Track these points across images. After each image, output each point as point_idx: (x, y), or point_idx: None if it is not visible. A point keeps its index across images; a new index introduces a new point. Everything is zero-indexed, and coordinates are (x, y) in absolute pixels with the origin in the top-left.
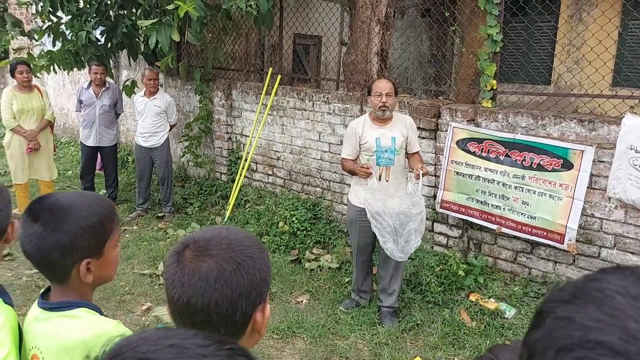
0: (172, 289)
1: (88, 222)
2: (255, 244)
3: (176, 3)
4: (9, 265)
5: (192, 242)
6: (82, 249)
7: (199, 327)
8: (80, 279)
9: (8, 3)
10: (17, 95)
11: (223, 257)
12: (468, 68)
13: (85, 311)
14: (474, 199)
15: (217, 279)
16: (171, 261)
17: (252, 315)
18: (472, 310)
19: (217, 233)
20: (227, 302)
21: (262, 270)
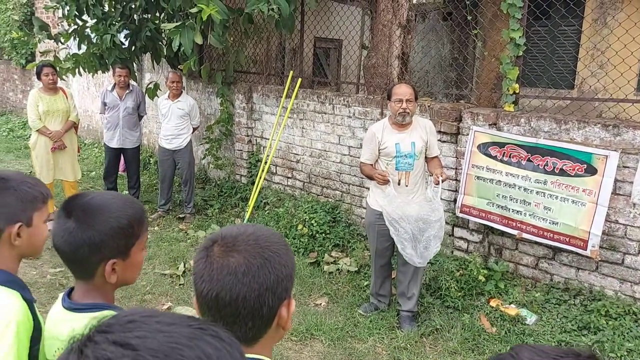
0: (200, 283)
1: (119, 223)
2: (280, 240)
3: (199, 6)
4: (33, 263)
5: (220, 238)
6: (110, 248)
7: (227, 321)
8: (104, 278)
9: (35, 7)
10: (43, 97)
11: (250, 253)
12: (490, 72)
13: (110, 314)
14: (494, 203)
15: (245, 273)
16: (200, 257)
17: (278, 310)
18: (492, 316)
19: (244, 230)
20: (255, 296)
21: (287, 266)
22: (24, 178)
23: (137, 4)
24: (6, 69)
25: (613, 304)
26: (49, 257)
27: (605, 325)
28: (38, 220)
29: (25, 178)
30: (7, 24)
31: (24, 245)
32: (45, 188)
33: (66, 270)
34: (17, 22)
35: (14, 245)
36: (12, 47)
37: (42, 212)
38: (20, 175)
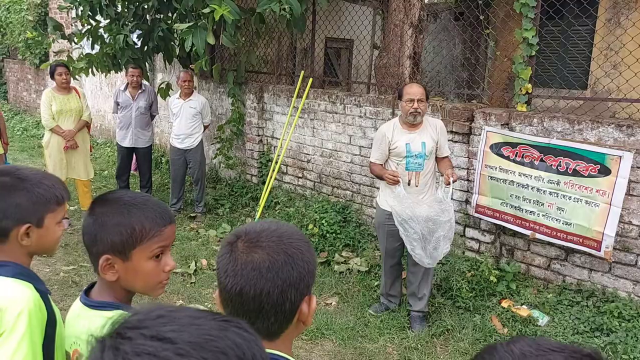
0: (224, 278)
1: (117, 219)
2: (302, 237)
3: (212, 7)
4: (47, 261)
5: (244, 233)
6: (103, 243)
7: (250, 316)
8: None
9: (49, 7)
10: (56, 97)
11: (274, 249)
12: (502, 72)
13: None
14: (507, 204)
15: (269, 269)
16: (224, 252)
17: (299, 305)
18: (503, 316)
19: (267, 226)
20: (278, 291)
21: (309, 262)
22: (42, 179)
23: (150, 5)
24: (20, 68)
25: (626, 305)
26: (62, 254)
27: (618, 327)
28: (50, 222)
29: (43, 179)
30: (21, 24)
31: (34, 244)
32: (62, 190)
33: (79, 268)
34: (32, 22)
35: (23, 244)
36: (27, 47)
37: (56, 214)
38: (39, 176)
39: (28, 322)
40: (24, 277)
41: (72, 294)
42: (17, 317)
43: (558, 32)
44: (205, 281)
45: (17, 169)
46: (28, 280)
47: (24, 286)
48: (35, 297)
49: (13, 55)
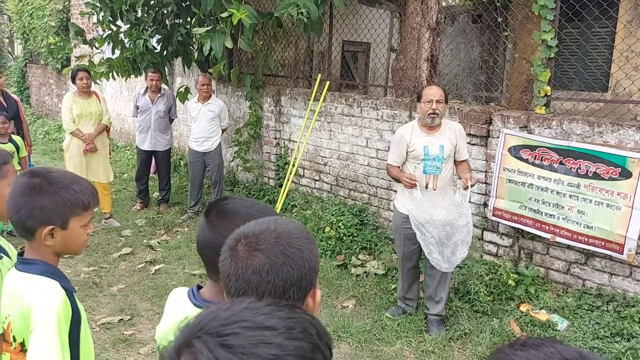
0: (228, 282)
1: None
2: (302, 234)
3: (230, 11)
4: (68, 262)
5: (243, 236)
6: None
7: None
8: None
9: (71, 13)
10: (77, 101)
11: (272, 251)
12: (520, 74)
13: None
14: (526, 207)
15: (268, 272)
16: (225, 256)
17: (304, 301)
18: (522, 321)
19: (266, 227)
20: (280, 292)
21: (310, 260)
22: (70, 184)
23: (169, 10)
24: (43, 73)
25: None
26: (83, 256)
27: (639, 332)
28: (75, 225)
29: (72, 184)
30: (44, 29)
31: (58, 245)
32: (89, 196)
33: (99, 269)
34: (54, 27)
35: (47, 244)
36: (49, 52)
37: (82, 218)
38: (68, 180)
39: (57, 320)
40: (51, 275)
41: (92, 294)
42: (47, 315)
43: (577, 34)
44: None
45: (49, 172)
46: (54, 278)
47: (51, 284)
48: (62, 294)
49: (36, 61)
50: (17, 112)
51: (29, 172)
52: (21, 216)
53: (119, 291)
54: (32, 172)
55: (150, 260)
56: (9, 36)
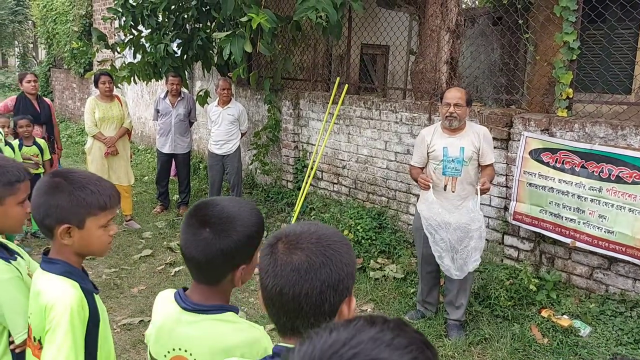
0: (265, 278)
1: (250, 231)
2: (342, 239)
3: (249, 15)
4: (89, 263)
5: (284, 235)
6: (241, 256)
7: (290, 315)
8: (231, 283)
9: (94, 18)
10: (99, 104)
11: (313, 251)
12: (542, 77)
13: (234, 315)
14: (547, 211)
15: (307, 270)
16: (265, 253)
17: (339, 307)
18: (543, 326)
19: (307, 228)
20: (317, 292)
21: (349, 264)
22: (87, 184)
23: (190, 14)
24: (66, 77)
25: None
26: (104, 257)
27: None
28: (92, 225)
29: (89, 184)
30: (67, 35)
31: (76, 245)
32: (106, 197)
33: (120, 270)
34: (77, 32)
35: (64, 243)
36: (72, 56)
37: (99, 218)
38: (86, 180)
39: (70, 320)
40: (71, 276)
41: (113, 295)
42: (61, 316)
43: (600, 36)
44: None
45: (70, 172)
46: (74, 279)
47: (69, 285)
48: (78, 295)
49: (59, 65)
50: (50, 117)
51: (52, 172)
52: (40, 214)
53: (140, 292)
54: (55, 172)
55: (170, 262)
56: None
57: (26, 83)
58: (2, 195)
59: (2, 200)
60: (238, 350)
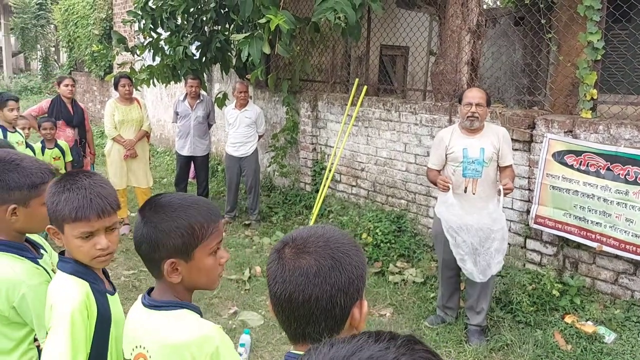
0: (274, 284)
1: (176, 222)
2: (350, 241)
3: (268, 17)
4: (109, 265)
5: (291, 240)
6: (167, 247)
7: (301, 322)
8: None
9: (114, 21)
10: (118, 107)
11: (321, 254)
12: (565, 77)
13: (188, 312)
14: (571, 214)
15: (316, 274)
16: (272, 259)
17: (350, 310)
18: (567, 332)
19: (314, 232)
20: (327, 296)
21: (358, 267)
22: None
23: (208, 17)
24: (86, 80)
25: None
26: (123, 259)
27: None
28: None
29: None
30: (88, 38)
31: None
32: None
33: (139, 272)
34: (97, 36)
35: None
36: (92, 59)
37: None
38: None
39: (71, 321)
40: (82, 275)
41: (132, 297)
42: (61, 316)
43: (625, 36)
44: (259, 288)
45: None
46: (85, 278)
47: (77, 284)
48: (83, 296)
49: (80, 68)
50: (83, 121)
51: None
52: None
53: None
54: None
55: None
56: (55, 45)
57: (64, 86)
58: (27, 198)
59: (27, 203)
60: (186, 348)
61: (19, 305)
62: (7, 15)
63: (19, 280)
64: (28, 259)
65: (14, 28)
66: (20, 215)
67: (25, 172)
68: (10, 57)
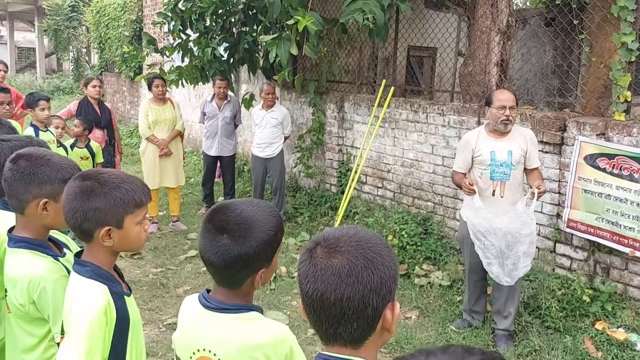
0: (305, 284)
1: (269, 235)
2: (382, 242)
3: (296, 18)
4: (137, 263)
5: (323, 239)
6: (260, 260)
7: (333, 322)
8: (251, 285)
9: (144, 23)
10: (152, 107)
11: (353, 254)
12: (597, 79)
13: (257, 314)
14: (603, 219)
15: (348, 274)
16: (304, 258)
17: (382, 311)
18: (597, 339)
19: (346, 232)
20: (359, 296)
21: (390, 267)
22: (121, 183)
23: (237, 18)
24: (117, 81)
25: None
26: (151, 257)
27: None
28: (130, 223)
29: (123, 183)
30: (118, 39)
31: (116, 244)
32: (140, 194)
33: (166, 270)
34: (128, 37)
35: (105, 245)
36: (122, 60)
37: (135, 215)
38: (119, 180)
39: (88, 327)
40: (100, 279)
41: (159, 295)
42: (80, 322)
43: None
44: (284, 288)
45: (99, 174)
46: (103, 282)
47: (96, 290)
48: (104, 301)
49: (110, 69)
50: (110, 121)
51: (79, 175)
52: (77, 219)
53: (185, 293)
54: (83, 175)
55: None
56: (87, 46)
57: (91, 87)
58: (57, 192)
59: (57, 197)
60: (262, 350)
61: (38, 299)
62: (41, 17)
63: (38, 275)
64: (49, 255)
65: (47, 30)
66: (50, 211)
67: (56, 167)
68: (44, 58)
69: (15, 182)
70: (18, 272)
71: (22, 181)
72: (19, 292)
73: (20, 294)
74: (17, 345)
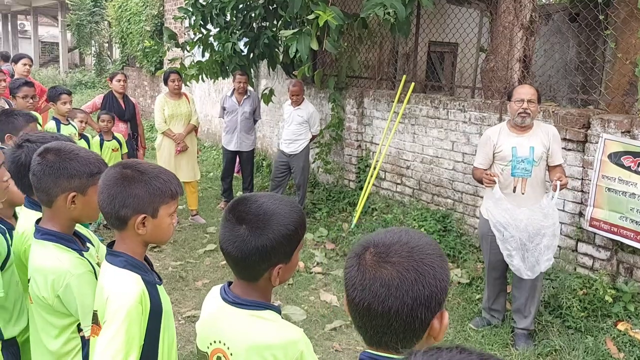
0: (352, 291)
1: (288, 229)
2: (436, 251)
3: (316, 13)
4: (157, 256)
5: (373, 245)
6: (278, 254)
7: (378, 331)
8: (268, 281)
9: (165, 18)
10: (168, 102)
11: (404, 266)
12: (623, 75)
13: (273, 314)
14: (627, 218)
15: (398, 287)
16: (351, 263)
17: (430, 322)
18: (619, 340)
19: (398, 238)
20: (407, 310)
21: (442, 279)
22: (159, 173)
23: (257, 13)
24: (138, 75)
25: None
26: (171, 250)
27: None
28: (164, 213)
29: (160, 174)
30: (140, 34)
31: (148, 234)
32: (176, 185)
33: (185, 263)
34: (149, 32)
35: (139, 233)
36: (144, 55)
37: (169, 206)
38: (157, 170)
39: (126, 316)
40: (133, 268)
41: (179, 287)
42: (117, 311)
43: None
44: (302, 283)
45: (138, 163)
46: (136, 271)
47: (131, 279)
48: (139, 290)
49: (132, 64)
50: (134, 115)
51: (119, 164)
52: (115, 205)
53: (204, 286)
54: (123, 164)
55: None
56: (109, 41)
57: (116, 82)
58: (85, 186)
59: (85, 190)
60: (271, 350)
61: (63, 294)
62: (64, 12)
63: (64, 269)
64: (74, 250)
65: (70, 25)
66: (78, 204)
67: (83, 160)
68: (66, 53)
69: (44, 176)
70: (44, 265)
71: (51, 175)
72: (43, 285)
73: (44, 287)
74: (39, 335)
